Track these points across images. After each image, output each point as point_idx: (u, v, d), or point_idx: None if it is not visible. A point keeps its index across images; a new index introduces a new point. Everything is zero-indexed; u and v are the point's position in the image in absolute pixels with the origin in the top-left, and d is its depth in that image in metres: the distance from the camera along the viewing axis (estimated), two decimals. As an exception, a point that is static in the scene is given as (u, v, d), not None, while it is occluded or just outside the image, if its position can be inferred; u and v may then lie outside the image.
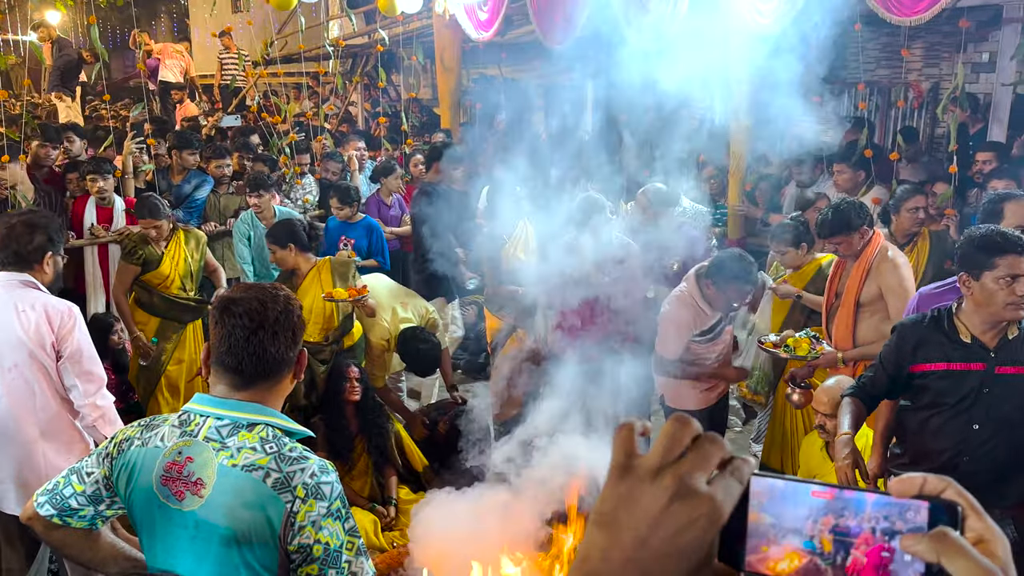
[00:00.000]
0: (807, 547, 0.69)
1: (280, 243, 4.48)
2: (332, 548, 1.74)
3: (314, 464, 1.78)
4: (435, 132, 8.30)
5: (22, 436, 3.03)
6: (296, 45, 8.02)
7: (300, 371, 1.93)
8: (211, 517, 1.76)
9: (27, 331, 2.98)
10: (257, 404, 1.84)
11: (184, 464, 1.78)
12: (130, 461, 1.83)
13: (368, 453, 4.40)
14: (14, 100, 7.69)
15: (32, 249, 3.07)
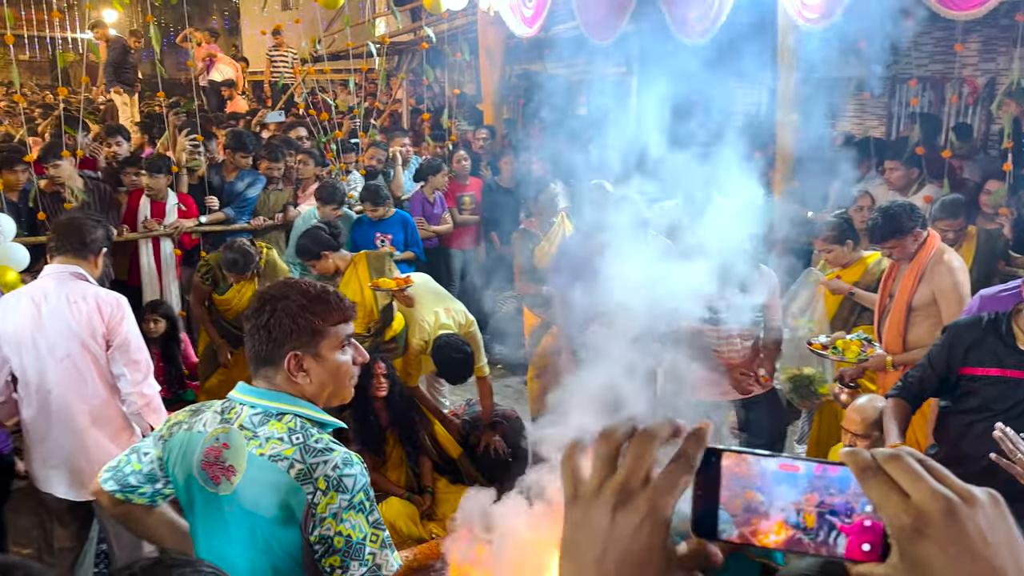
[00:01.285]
0: (791, 522, 0.73)
1: (314, 255, 4.58)
2: (355, 540, 1.75)
3: (338, 456, 1.79)
4: (478, 128, 8.33)
5: (74, 423, 3.15)
6: (343, 42, 8.11)
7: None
8: (241, 503, 1.82)
9: (79, 322, 3.09)
10: (287, 394, 1.87)
11: (221, 450, 1.85)
12: (177, 444, 1.92)
13: (400, 444, 4.46)
14: (73, 97, 7.94)
15: (93, 240, 3.19)
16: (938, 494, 0.64)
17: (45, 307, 3.08)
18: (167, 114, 7.12)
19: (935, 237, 3.94)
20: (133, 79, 11.65)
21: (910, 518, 0.64)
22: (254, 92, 12.98)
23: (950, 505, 0.63)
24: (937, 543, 0.62)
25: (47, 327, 3.07)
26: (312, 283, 1.93)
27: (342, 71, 10.17)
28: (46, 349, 3.08)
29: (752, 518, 0.74)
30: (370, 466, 4.34)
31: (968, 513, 0.63)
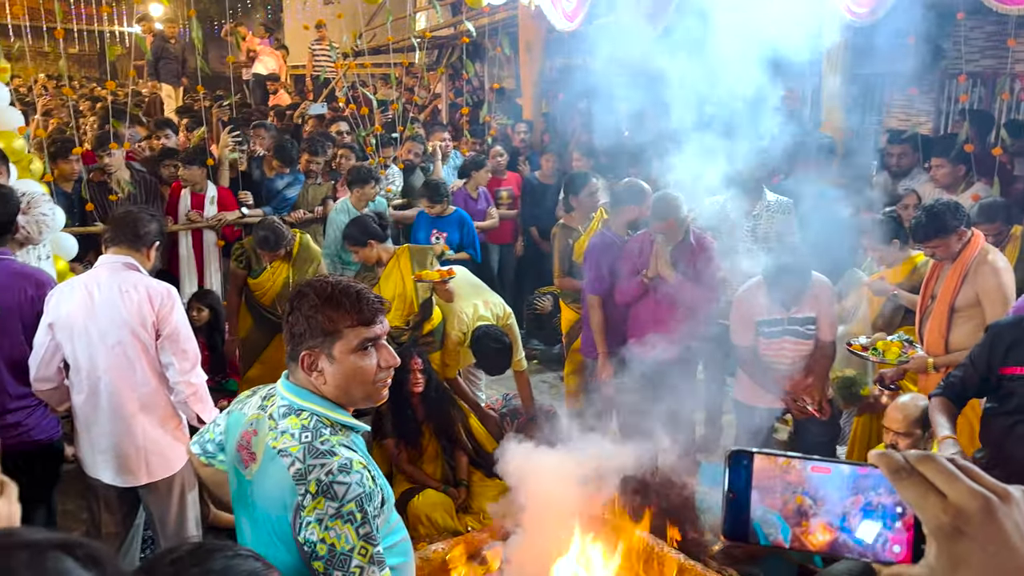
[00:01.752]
0: (838, 522, 0.74)
1: (360, 243, 4.62)
2: (339, 551, 1.70)
3: (336, 462, 1.76)
4: (517, 123, 8.32)
5: (122, 410, 3.22)
6: (384, 37, 8.16)
7: None
8: (255, 489, 1.87)
9: (130, 311, 3.16)
10: (307, 391, 1.88)
11: (251, 435, 1.91)
12: (232, 422, 2.01)
13: (436, 438, 4.49)
14: (120, 90, 8.10)
15: (146, 233, 3.28)
16: (976, 492, 0.66)
17: (98, 295, 3.16)
18: (211, 107, 7.21)
19: (979, 237, 3.86)
20: (178, 71, 11.85)
21: (949, 517, 0.66)
22: (296, 85, 13.11)
23: (988, 503, 0.65)
24: (976, 540, 0.65)
25: (99, 315, 3.15)
26: (336, 282, 1.89)
27: (382, 65, 10.23)
28: (98, 336, 3.15)
29: (802, 521, 0.75)
30: (407, 459, 4.42)
31: (1005, 510, 0.66)
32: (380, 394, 1.93)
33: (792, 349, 4.18)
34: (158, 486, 3.36)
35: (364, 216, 4.88)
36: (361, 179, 5.83)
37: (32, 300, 3.26)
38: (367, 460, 1.85)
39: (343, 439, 1.84)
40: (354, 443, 1.88)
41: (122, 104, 6.65)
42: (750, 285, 4.23)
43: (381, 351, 1.90)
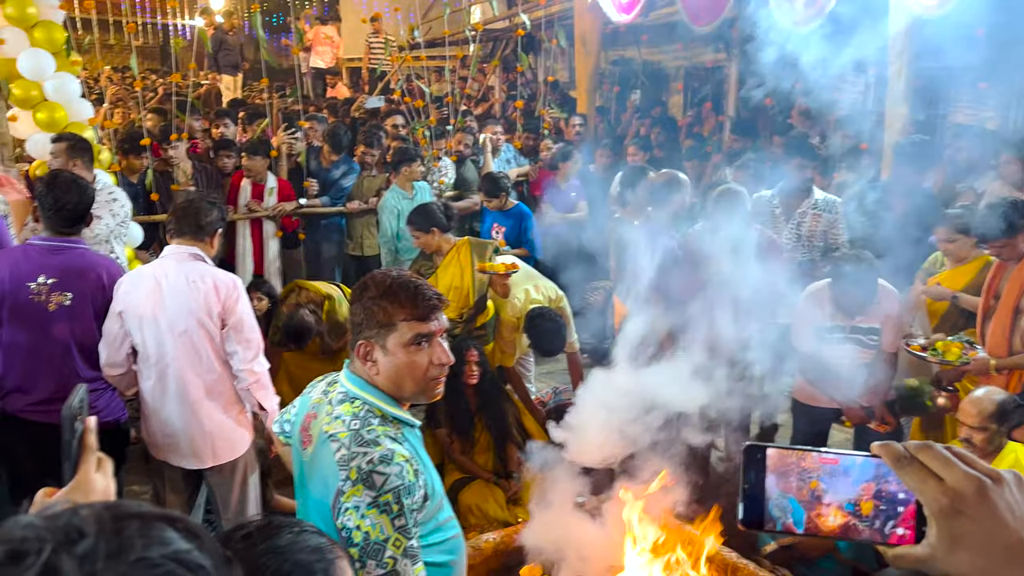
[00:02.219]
0: (848, 508, 0.81)
1: (423, 228, 4.65)
2: (373, 540, 1.71)
3: (378, 452, 1.78)
4: (571, 116, 8.30)
5: (189, 396, 3.31)
6: (440, 30, 8.20)
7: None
8: (308, 471, 1.94)
9: (197, 301, 3.25)
10: (363, 380, 1.93)
11: (312, 419, 1.98)
12: (301, 404, 2.10)
13: (488, 430, 4.53)
14: (184, 82, 8.29)
15: (208, 222, 3.35)
16: (970, 476, 0.74)
17: (166, 285, 3.25)
18: (272, 98, 7.34)
19: (1047, 236, 3.74)
20: (237, 63, 12.09)
21: (948, 499, 0.73)
22: (352, 78, 13.27)
23: (982, 485, 0.73)
24: (973, 519, 0.73)
25: (167, 304, 3.24)
26: (396, 276, 1.92)
27: (437, 58, 10.30)
28: (166, 325, 3.25)
29: (816, 505, 0.81)
30: (459, 449, 4.46)
31: (998, 491, 0.73)
32: (432, 391, 1.95)
33: (853, 356, 4.11)
34: (222, 468, 3.47)
35: (432, 204, 4.91)
36: (408, 158, 5.89)
37: (103, 288, 3.36)
38: (415, 455, 1.87)
39: (391, 431, 1.87)
40: (404, 437, 1.90)
41: (184, 96, 6.79)
42: (815, 289, 4.13)
43: (435, 348, 1.91)
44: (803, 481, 0.82)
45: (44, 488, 1.24)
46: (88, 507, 0.67)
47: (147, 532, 0.66)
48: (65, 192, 3.29)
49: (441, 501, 1.98)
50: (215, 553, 0.68)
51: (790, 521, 0.82)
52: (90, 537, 0.63)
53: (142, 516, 0.68)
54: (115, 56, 16.85)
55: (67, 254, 3.33)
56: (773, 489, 0.82)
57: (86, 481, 1.23)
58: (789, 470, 0.82)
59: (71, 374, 3.36)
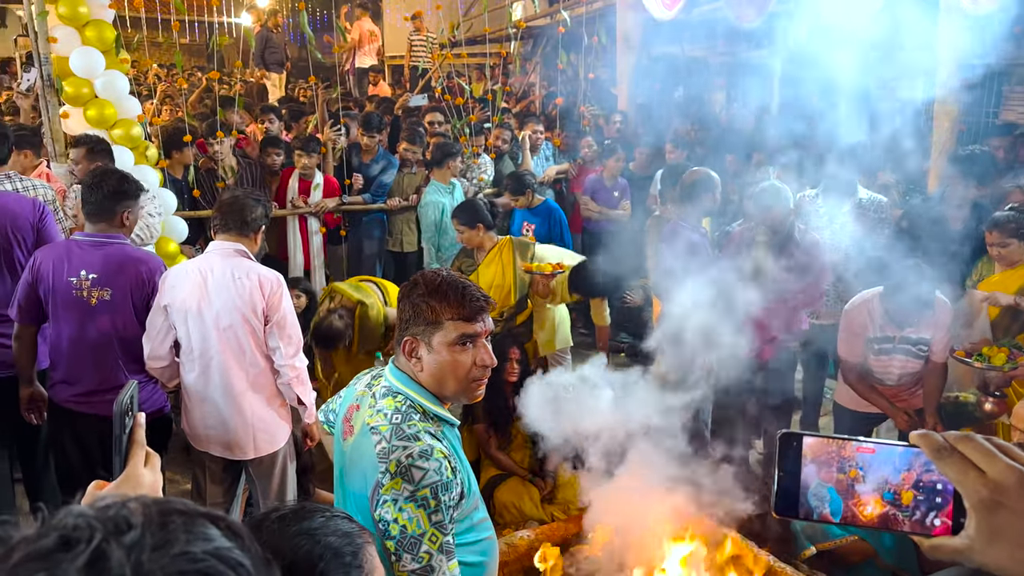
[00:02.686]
0: (887, 498, 0.80)
1: (469, 224, 4.66)
2: (410, 533, 1.74)
3: (418, 447, 1.80)
4: (612, 113, 8.26)
5: (232, 389, 3.38)
6: (480, 27, 8.22)
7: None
8: (348, 461, 1.97)
9: (242, 297, 3.31)
10: (406, 376, 1.96)
11: (355, 410, 2.02)
12: (345, 395, 2.14)
13: (525, 430, 4.53)
14: (228, 78, 8.45)
15: (253, 219, 3.41)
16: (1012, 468, 0.73)
17: (211, 280, 3.32)
18: (317, 92, 7.41)
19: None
20: (281, 59, 12.25)
21: (988, 491, 0.73)
22: (394, 76, 13.36)
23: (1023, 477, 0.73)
24: (1014, 511, 0.72)
25: (213, 300, 3.31)
26: (446, 275, 1.95)
27: (478, 55, 10.32)
28: (211, 319, 3.32)
29: (855, 495, 0.81)
30: (496, 445, 4.47)
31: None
32: (474, 392, 1.97)
33: (901, 366, 4.04)
34: (263, 460, 3.53)
35: (478, 200, 4.92)
36: (452, 152, 5.94)
37: (143, 283, 3.43)
38: (452, 453, 1.88)
39: (431, 428, 1.89)
40: (443, 434, 1.92)
41: (229, 93, 6.90)
42: (864, 298, 4.04)
43: (479, 350, 1.93)
44: (842, 470, 0.81)
45: (95, 480, 1.28)
46: (136, 500, 0.69)
47: (191, 528, 0.69)
48: (104, 178, 3.39)
49: (477, 501, 2.00)
50: (255, 553, 0.71)
51: (827, 511, 0.82)
52: (137, 529, 0.66)
53: (187, 512, 0.70)
54: (163, 54, 17.18)
55: (107, 249, 3.40)
56: (812, 477, 0.82)
57: (135, 475, 1.27)
58: (828, 458, 0.82)
59: (114, 367, 3.45)
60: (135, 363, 3.49)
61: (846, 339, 4.10)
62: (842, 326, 4.11)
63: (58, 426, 3.55)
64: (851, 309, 4.08)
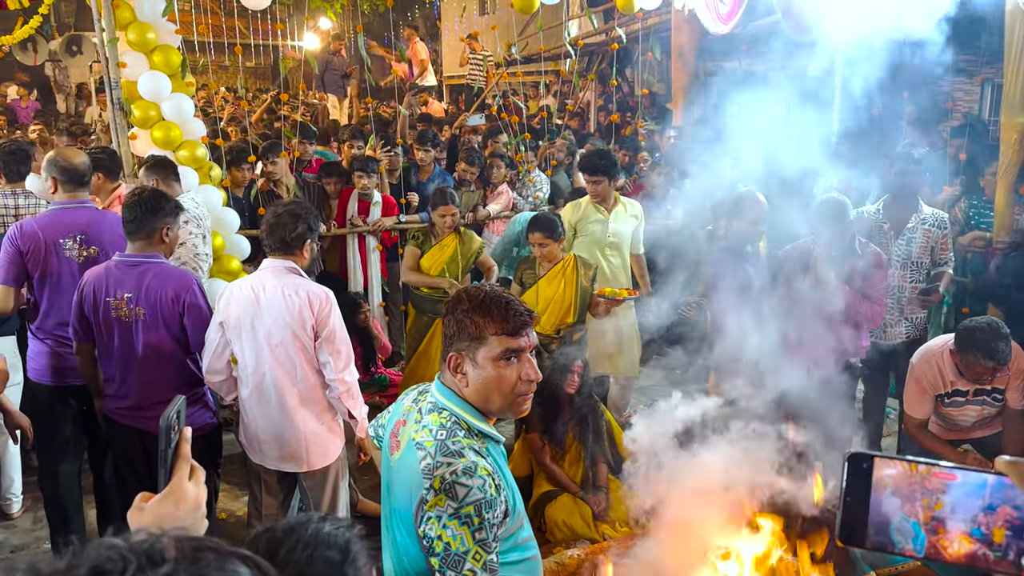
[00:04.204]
0: (976, 534, 0.73)
1: (553, 237, 4.68)
2: (454, 551, 1.74)
3: (462, 464, 1.80)
4: (667, 128, 8.21)
5: (285, 404, 3.45)
6: (536, 46, 8.27)
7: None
8: (394, 476, 1.98)
9: (292, 313, 3.38)
10: (452, 392, 1.96)
11: (402, 425, 2.03)
12: (394, 410, 2.15)
13: (579, 442, 4.52)
14: (295, 101, 8.70)
15: (295, 237, 3.46)
16: None
17: (263, 297, 3.40)
18: (401, 120, 7.53)
19: None
20: (341, 83, 12.52)
21: None
22: (452, 95, 13.53)
23: None
24: None
25: (265, 316, 3.39)
26: (489, 290, 1.95)
27: (534, 73, 10.40)
28: (263, 336, 3.40)
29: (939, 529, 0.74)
30: (550, 456, 4.47)
31: None
32: (520, 408, 1.96)
33: (977, 413, 3.86)
34: (315, 474, 3.59)
35: (556, 215, 4.99)
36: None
37: (172, 301, 3.47)
38: (496, 470, 1.88)
39: (476, 444, 1.89)
40: (488, 451, 1.92)
41: (293, 115, 7.07)
42: (932, 352, 3.81)
43: (524, 364, 1.92)
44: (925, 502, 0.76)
45: (142, 492, 1.32)
46: (168, 535, 0.72)
47: (223, 565, 0.71)
48: (141, 195, 3.47)
49: (522, 520, 1.98)
50: None
51: (910, 547, 0.76)
52: (170, 563, 0.68)
53: (218, 550, 0.73)
54: (230, 77, 17.76)
55: (142, 267, 3.46)
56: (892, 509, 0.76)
57: (180, 488, 1.30)
58: (910, 489, 0.76)
59: (156, 383, 3.52)
60: (177, 379, 3.56)
61: (914, 396, 3.88)
62: (909, 382, 3.90)
63: (109, 435, 3.70)
64: (919, 364, 3.84)
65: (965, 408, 3.81)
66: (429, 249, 5.35)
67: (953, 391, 3.76)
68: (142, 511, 1.28)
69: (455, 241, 5.35)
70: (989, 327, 3.49)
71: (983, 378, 3.60)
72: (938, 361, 3.75)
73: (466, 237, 5.41)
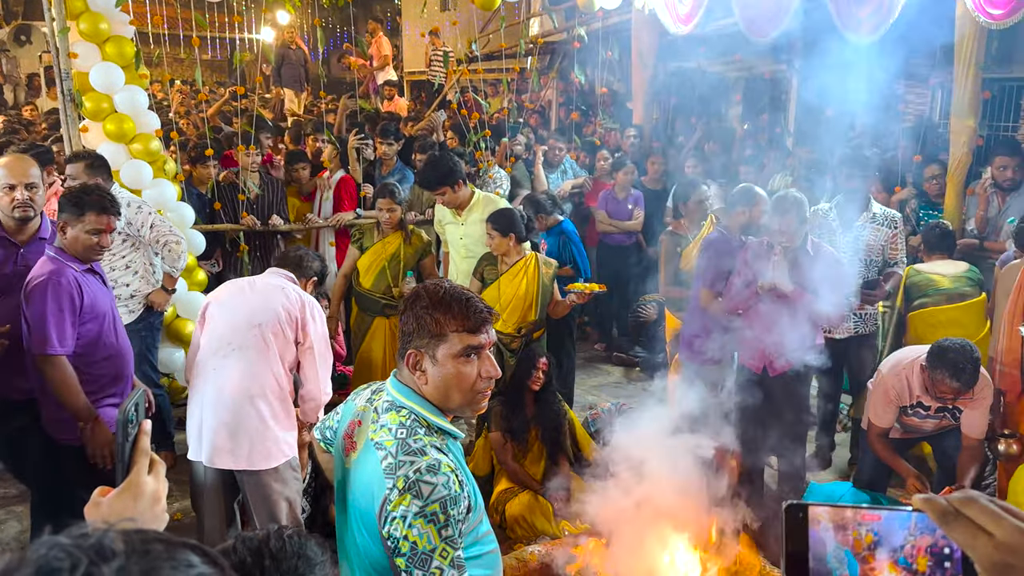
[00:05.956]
0: (902, 563, 0.79)
1: (503, 231, 4.66)
2: (420, 549, 1.72)
3: (425, 462, 1.79)
4: (627, 128, 8.26)
5: (241, 391, 3.36)
6: (497, 43, 8.27)
7: None
8: (351, 478, 1.95)
9: (280, 302, 3.45)
10: (410, 389, 1.94)
11: (356, 426, 2.00)
12: (345, 411, 2.12)
13: (541, 440, 4.53)
14: (251, 94, 8.54)
15: (308, 266, 3.79)
16: (1021, 528, 0.73)
17: (258, 284, 3.58)
18: (340, 106, 7.47)
19: None
20: (299, 77, 12.35)
21: (1000, 554, 0.73)
22: (413, 92, 13.43)
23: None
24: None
25: (252, 297, 3.49)
26: (449, 287, 1.94)
27: (495, 71, 10.38)
28: (244, 313, 3.43)
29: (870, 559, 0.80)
30: (512, 455, 4.47)
31: None
32: (478, 404, 1.95)
33: (935, 426, 3.93)
34: (256, 476, 3.42)
35: (517, 211, 4.89)
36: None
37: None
38: (458, 466, 1.87)
39: (436, 441, 1.88)
40: (448, 447, 1.91)
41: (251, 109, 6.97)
42: (903, 365, 3.84)
43: (483, 361, 1.92)
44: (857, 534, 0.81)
45: (99, 488, 1.29)
46: (114, 529, 0.70)
47: (174, 555, 0.69)
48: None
49: (482, 515, 1.98)
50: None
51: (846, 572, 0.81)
52: (121, 556, 0.66)
53: (168, 541, 0.71)
54: (185, 69, 17.42)
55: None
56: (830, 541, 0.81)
57: (138, 483, 1.27)
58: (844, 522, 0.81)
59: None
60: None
61: (880, 405, 3.91)
62: (876, 391, 3.94)
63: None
64: (888, 376, 3.88)
65: (926, 420, 3.89)
66: (371, 245, 5.20)
67: (917, 403, 3.82)
68: (99, 506, 1.24)
69: (399, 239, 5.20)
70: (962, 348, 3.53)
71: (947, 397, 3.65)
72: (908, 374, 3.79)
73: (413, 238, 5.25)
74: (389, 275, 5.15)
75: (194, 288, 5.51)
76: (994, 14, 4.44)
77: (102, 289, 3.49)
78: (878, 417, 3.93)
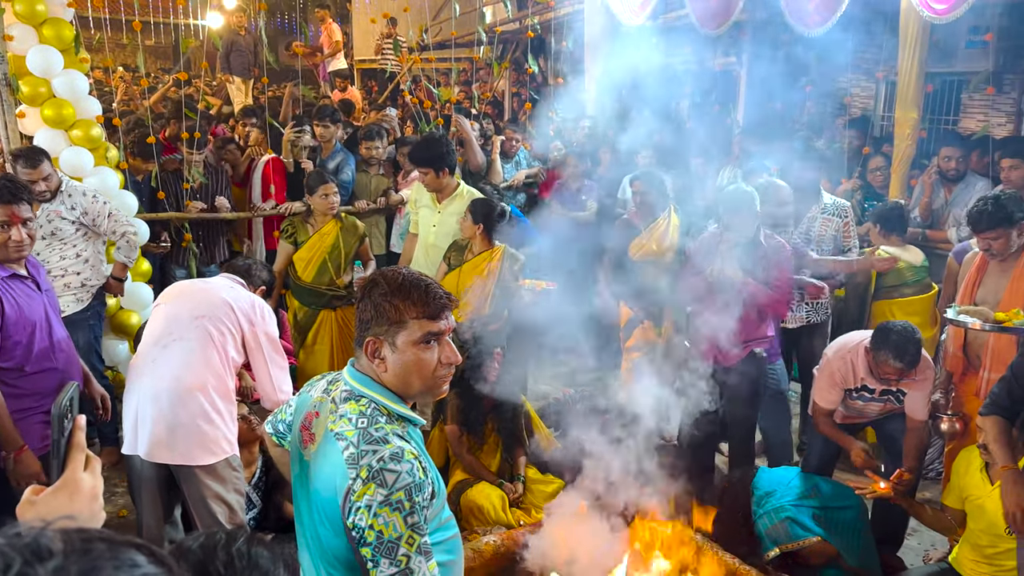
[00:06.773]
0: None
1: (474, 219, 4.63)
2: (386, 538, 1.70)
3: (388, 450, 1.77)
4: (582, 118, 8.28)
5: (181, 380, 3.21)
6: (449, 31, 8.21)
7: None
8: (311, 470, 1.91)
9: (230, 296, 3.40)
10: (369, 378, 1.91)
11: (314, 417, 1.96)
12: (299, 403, 2.07)
13: (497, 433, 4.52)
14: (196, 81, 8.35)
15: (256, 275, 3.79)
16: None
17: (209, 282, 3.57)
18: (286, 94, 7.34)
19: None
20: (248, 64, 12.08)
21: None
22: (363, 80, 13.27)
23: None
24: None
25: (204, 288, 3.47)
26: (407, 274, 1.91)
27: (447, 60, 10.31)
28: (193, 302, 3.36)
29: None
30: (467, 448, 4.46)
31: None
32: (438, 390, 1.94)
33: (879, 409, 4.00)
34: (194, 472, 3.28)
35: (494, 202, 4.85)
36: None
37: None
38: (420, 452, 1.85)
39: (398, 429, 1.86)
40: (409, 435, 1.89)
41: (194, 96, 6.81)
42: (848, 347, 3.89)
43: (444, 347, 1.90)
44: None
45: (32, 486, 1.24)
46: (53, 528, 0.67)
47: (116, 554, 0.66)
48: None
49: (443, 500, 1.97)
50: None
51: None
52: (59, 556, 0.63)
53: (110, 540, 0.68)
54: (128, 55, 16.93)
55: None
56: None
57: (74, 480, 1.23)
58: None
59: None
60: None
61: (825, 386, 3.96)
62: (822, 374, 3.99)
63: None
64: (833, 358, 3.92)
65: (870, 404, 3.98)
66: (307, 240, 5.05)
67: (862, 386, 3.89)
68: (33, 504, 1.19)
69: (336, 228, 5.06)
70: (904, 330, 3.60)
71: (891, 378, 3.72)
72: (852, 357, 3.85)
73: (347, 223, 5.13)
74: (331, 267, 5.04)
75: (138, 279, 5.37)
76: (937, 8, 4.55)
77: (32, 294, 3.22)
78: (823, 398, 4.00)
